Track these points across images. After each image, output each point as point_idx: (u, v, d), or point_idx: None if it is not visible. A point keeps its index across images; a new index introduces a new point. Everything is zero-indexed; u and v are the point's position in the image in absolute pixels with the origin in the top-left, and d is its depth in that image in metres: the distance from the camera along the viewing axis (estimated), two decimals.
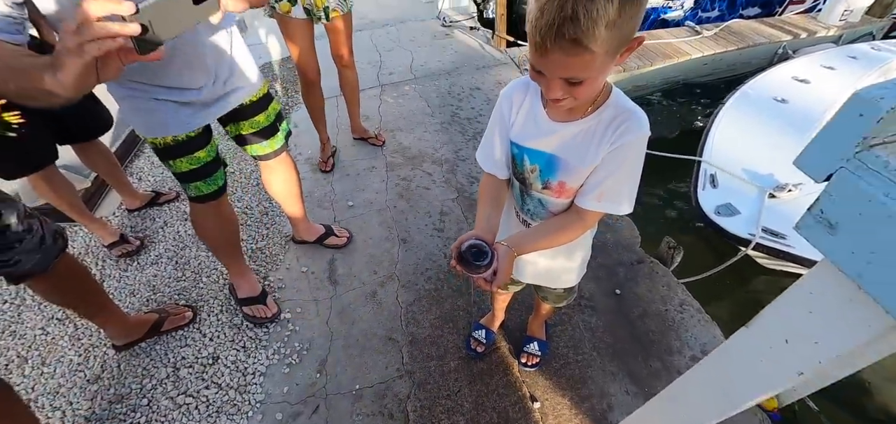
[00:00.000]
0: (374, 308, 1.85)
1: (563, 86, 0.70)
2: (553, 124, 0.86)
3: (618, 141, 0.81)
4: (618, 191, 0.86)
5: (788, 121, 3.19)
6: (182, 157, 1.30)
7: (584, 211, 0.89)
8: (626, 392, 1.57)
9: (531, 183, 0.95)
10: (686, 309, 1.84)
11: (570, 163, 0.87)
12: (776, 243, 2.30)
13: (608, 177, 0.84)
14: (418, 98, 3.25)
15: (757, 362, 0.79)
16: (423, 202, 2.36)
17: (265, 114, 1.47)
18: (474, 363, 1.65)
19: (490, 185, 1.01)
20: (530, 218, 1.04)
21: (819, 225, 0.58)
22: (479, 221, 0.94)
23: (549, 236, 0.94)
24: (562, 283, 1.22)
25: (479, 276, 0.82)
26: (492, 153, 0.99)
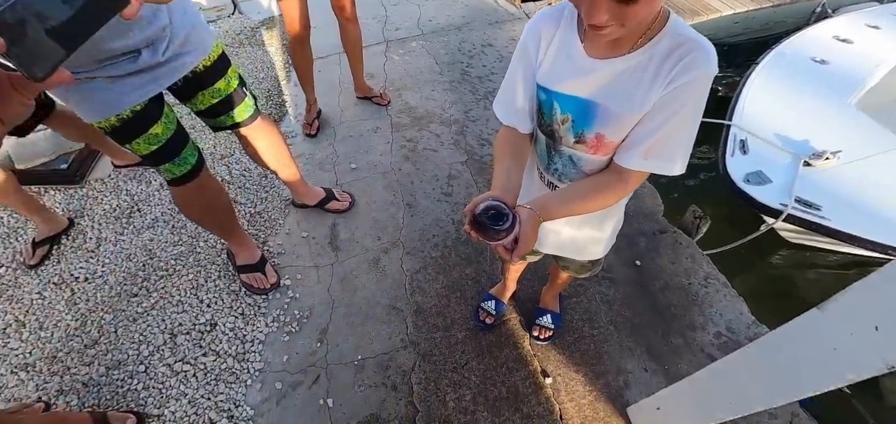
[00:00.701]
0: (377, 275, 1.76)
1: (608, 4, 0.55)
2: (592, 61, 0.70)
3: (677, 79, 0.64)
4: (671, 145, 0.69)
5: (828, 84, 2.95)
6: (137, 138, 1.16)
7: (627, 170, 0.74)
8: (645, 369, 1.47)
9: (561, 136, 0.80)
10: (711, 282, 1.72)
11: (611, 111, 0.71)
12: (810, 215, 2.13)
13: (660, 128, 0.68)
14: (426, 55, 3.06)
15: (831, 348, 0.67)
16: (430, 165, 2.23)
17: (224, 79, 1.31)
18: (483, 335, 1.56)
19: (510, 140, 0.85)
20: (558, 180, 0.89)
21: None
22: (498, 179, 0.78)
23: (583, 200, 0.78)
24: (587, 255, 1.09)
25: (498, 243, 0.69)
26: (513, 101, 0.83)
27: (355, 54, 2.41)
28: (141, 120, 1.14)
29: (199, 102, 1.31)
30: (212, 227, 1.64)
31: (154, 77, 1.12)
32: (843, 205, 2.16)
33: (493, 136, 2.39)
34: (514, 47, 0.83)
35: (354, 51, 2.39)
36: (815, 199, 2.17)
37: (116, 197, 2.15)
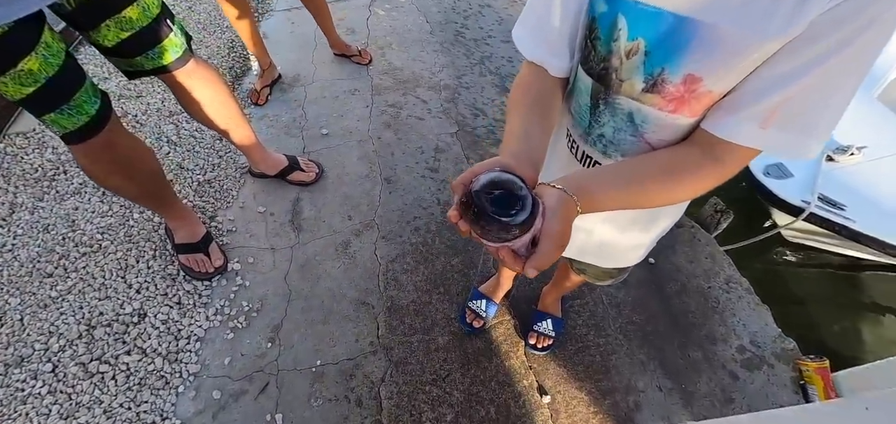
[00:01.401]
0: (345, 262, 1.48)
1: None
2: None
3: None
4: (817, 106, 0.41)
5: None
6: (1, 76, 0.85)
7: (730, 145, 0.45)
8: (659, 387, 1.24)
9: (622, 78, 0.51)
10: (733, 287, 1.49)
11: (724, 34, 0.42)
12: (834, 214, 1.92)
13: (809, 71, 0.39)
14: (416, 12, 2.71)
15: None
16: (415, 134, 1.93)
17: (138, 5, 1.00)
18: (469, 341, 1.30)
19: (534, 85, 0.56)
20: (601, 154, 0.60)
21: None
22: (510, 141, 0.50)
23: (649, 184, 0.49)
24: (618, 262, 0.83)
25: (505, 244, 0.41)
26: (547, 19, 0.54)
27: (320, 11, 2.07)
28: (2, 49, 0.83)
29: (105, 36, 1.00)
30: (135, 198, 1.32)
31: None
32: (868, 204, 1.96)
33: (489, 106, 2.10)
34: (516, 10, 0.60)
35: (317, 8, 2.05)
36: (839, 197, 1.96)
37: (40, 155, 1.80)
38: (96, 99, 1.02)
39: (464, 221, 0.41)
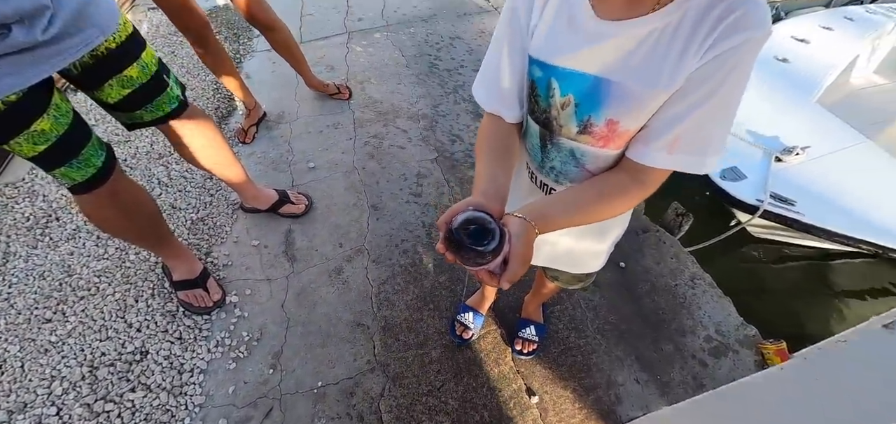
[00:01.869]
0: (339, 287, 1.56)
1: None
2: (604, 24, 0.55)
3: (718, 45, 0.49)
4: (704, 134, 0.54)
5: (791, 82, 3.00)
6: (16, 136, 0.93)
7: (646, 168, 0.59)
8: (636, 380, 1.36)
9: (562, 124, 0.64)
10: (697, 283, 1.63)
11: (629, 89, 0.55)
12: (785, 210, 2.12)
13: (693, 111, 0.53)
14: (391, 47, 2.86)
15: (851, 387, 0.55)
16: (397, 163, 2.04)
17: (138, 64, 1.09)
18: (460, 352, 1.39)
19: (494, 132, 0.69)
20: (554, 182, 0.74)
21: None
22: (480, 182, 0.62)
23: (589, 206, 0.62)
24: (583, 268, 0.96)
25: (481, 268, 0.53)
26: (497, 80, 0.67)
27: (294, 58, 2.17)
28: (18, 113, 0.91)
29: (108, 94, 1.08)
30: (135, 240, 1.39)
31: (33, 61, 0.89)
32: (815, 199, 2.16)
33: (465, 132, 2.24)
34: (484, 40, 0.70)
35: (290, 55, 2.14)
36: (789, 194, 2.16)
37: (31, 204, 1.84)
38: (102, 151, 1.10)
39: (449, 251, 0.52)
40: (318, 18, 3.15)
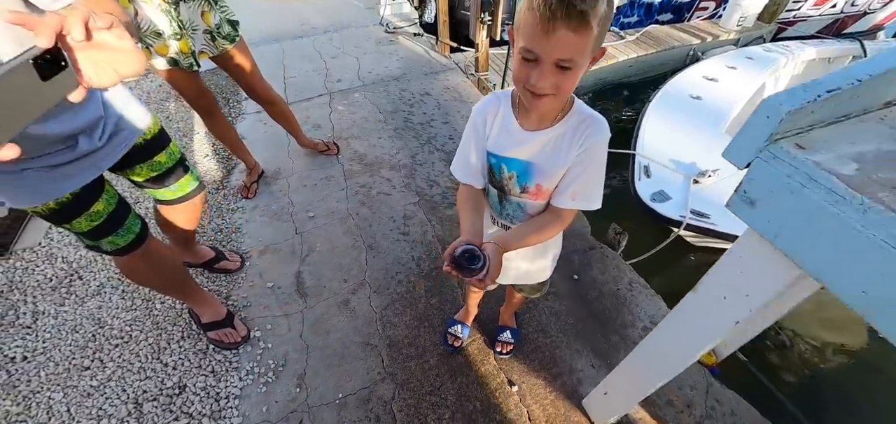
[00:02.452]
0: (348, 316, 1.86)
1: (553, 72, 0.76)
2: (526, 134, 0.95)
3: (585, 143, 0.91)
4: (589, 189, 0.96)
5: (703, 116, 3.62)
6: (78, 217, 1.15)
7: (561, 209, 0.99)
8: (592, 366, 1.73)
9: (510, 188, 1.03)
10: (634, 286, 2.05)
11: (544, 168, 0.96)
12: (703, 222, 2.62)
13: (579, 178, 0.95)
14: (369, 105, 3.25)
15: (703, 318, 0.95)
16: (386, 207, 2.39)
17: (166, 152, 1.36)
18: (453, 357, 1.72)
19: (469, 195, 1.07)
20: (509, 222, 1.12)
21: (743, 202, 0.75)
22: (465, 228, 0.99)
23: (532, 234, 1.01)
24: (537, 279, 1.33)
25: (474, 278, 0.88)
26: (468, 165, 1.06)
27: (288, 124, 2.48)
28: (80, 202, 1.14)
29: (138, 174, 1.32)
30: (167, 290, 1.63)
31: (92, 162, 1.14)
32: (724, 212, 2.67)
33: (440, 177, 2.62)
34: (450, 95, 1.08)
35: (285, 122, 2.46)
36: (705, 210, 2.67)
37: (51, 266, 2.03)
38: (138, 220, 1.34)
39: (453, 270, 0.88)
40: (301, 81, 3.51)
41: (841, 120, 0.75)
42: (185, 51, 1.75)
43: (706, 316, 0.95)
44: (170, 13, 1.64)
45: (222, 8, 1.86)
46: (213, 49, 1.87)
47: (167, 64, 1.73)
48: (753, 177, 0.72)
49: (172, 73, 1.80)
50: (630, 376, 1.29)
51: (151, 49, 1.68)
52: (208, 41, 1.84)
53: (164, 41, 1.68)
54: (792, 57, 4.86)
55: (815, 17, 7.16)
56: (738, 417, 1.59)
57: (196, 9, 1.74)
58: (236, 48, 1.95)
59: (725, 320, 0.90)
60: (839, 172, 0.63)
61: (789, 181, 0.67)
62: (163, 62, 1.73)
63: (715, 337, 0.96)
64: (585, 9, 0.68)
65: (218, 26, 1.84)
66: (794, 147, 0.67)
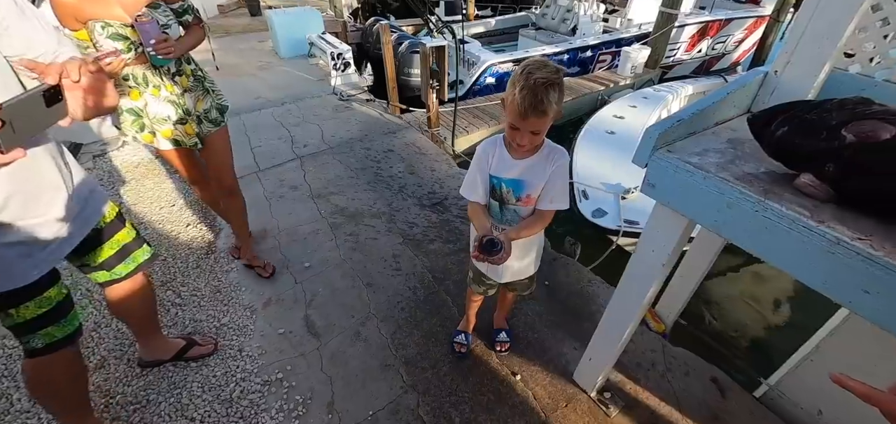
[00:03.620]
0: (361, 345, 2.06)
1: (529, 136, 1.24)
2: (516, 161, 1.37)
3: (555, 164, 1.35)
4: (560, 196, 1.39)
5: (619, 146, 4.38)
6: (28, 301, 1.12)
7: (544, 211, 1.41)
8: (575, 348, 2.08)
9: (508, 199, 1.43)
10: (593, 283, 2.49)
11: (530, 182, 1.38)
12: (635, 228, 3.19)
13: (553, 188, 1.38)
14: (339, 164, 3.54)
15: (643, 269, 1.38)
16: (375, 250, 2.65)
17: (125, 230, 1.43)
18: (462, 362, 1.99)
19: (478, 207, 1.46)
20: (508, 225, 1.49)
21: (649, 187, 1.19)
22: (483, 225, 1.38)
23: (526, 228, 1.41)
24: (527, 273, 1.69)
25: (497, 257, 1.26)
26: (476, 188, 1.44)
27: (239, 222, 2.37)
28: (39, 285, 1.14)
29: (96, 257, 1.36)
30: (70, 407, 1.47)
31: (60, 245, 1.18)
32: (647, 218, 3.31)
33: (418, 219, 2.94)
34: (411, 150, 1.56)
35: (238, 219, 2.35)
36: (635, 218, 3.26)
37: None
38: (79, 315, 1.32)
39: (481, 255, 1.24)
40: (267, 149, 3.71)
41: (690, 134, 1.24)
42: (191, 133, 1.89)
43: (644, 266, 1.38)
44: (176, 103, 1.80)
45: (217, 95, 1.99)
46: (215, 122, 1.98)
47: (171, 145, 1.89)
48: (651, 170, 1.17)
49: (174, 153, 1.94)
50: (605, 335, 1.66)
51: (157, 133, 1.82)
52: (198, 125, 1.93)
53: (171, 126, 1.83)
54: (677, 94, 6.00)
55: (687, 61, 8.80)
56: (689, 366, 2.02)
57: (194, 96, 1.88)
58: (218, 134, 2.00)
59: (657, 264, 1.33)
60: (691, 161, 1.09)
61: (668, 169, 1.12)
62: (167, 143, 1.87)
63: (653, 279, 1.37)
64: (545, 108, 1.17)
65: (207, 112, 1.93)
66: (667, 152, 1.13)
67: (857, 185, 0.88)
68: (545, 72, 1.15)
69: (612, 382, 1.92)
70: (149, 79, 1.71)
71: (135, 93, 1.71)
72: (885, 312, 0.83)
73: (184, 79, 1.82)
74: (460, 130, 5.11)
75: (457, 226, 2.88)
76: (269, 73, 5.82)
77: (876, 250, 0.81)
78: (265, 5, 9.57)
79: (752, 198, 0.98)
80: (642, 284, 1.42)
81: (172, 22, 1.70)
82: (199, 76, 1.91)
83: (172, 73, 1.77)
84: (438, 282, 2.42)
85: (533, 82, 1.14)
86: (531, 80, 1.14)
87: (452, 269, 2.52)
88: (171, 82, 1.77)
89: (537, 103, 1.15)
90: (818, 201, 0.94)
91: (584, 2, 8.38)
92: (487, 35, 9.38)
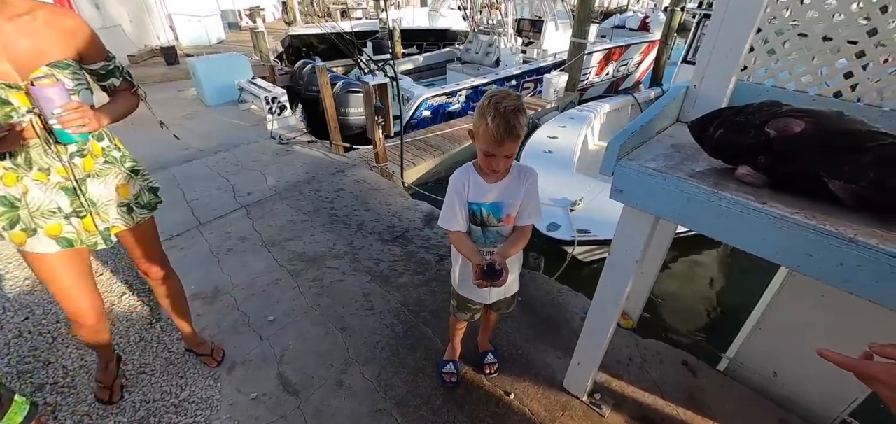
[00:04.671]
0: (346, 393, 1.94)
1: (504, 161, 1.31)
2: (491, 185, 1.42)
3: (526, 181, 1.43)
4: (536, 209, 1.47)
5: (558, 163, 4.68)
6: None
7: (524, 226, 1.47)
8: (558, 357, 2.14)
9: (490, 222, 1.46)
10: (562, 292, 2.60)
11: (508, 202, 1.43)
12: (588, 237, 3.40)
13: (530, 203, 1.45)
14: (290, 209, 3.37)
15: (619, 269, 1.49)
16: (343, 292, 2.54)
17: None
18: (454, 391, 1.95)
19: (461, 236, 1.48)
20: (493, 245, 1.52)
21: (618, 192, 1.32)
22: (474, 253, 1.42)
23: (513, 245, 1.46)
24: (512, 291, 1.73)
25: (500, 280, 1.32)
26: (455, 218, 1.46)
27: (178, 308, 1.94)
28: None
29: None
30: None
31: None
32: (598, 224, 3.54)
33: (382, 254, 2.88)
34: (362, 187, 1.61)
35: (177, 305, 1.93)
36: (586, 228, 3.48)
37: None
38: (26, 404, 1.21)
39: (483, 280, 1.28)
40: (206, 201, 3.44)
41: (643, 142, 1.40)
42: (92, 230, 1.44)
43: (619, 266, 1.49)
44: (71, 192, 1.38)
45: (144, 176, 1.60)
46: (129, 221, 1.54)
47: (57, 246, 1.38)
48: (618, 178, 1.30)
49: (56, 259, 1.42)
50: (590, 337, 1.74)
51: (38, 231, 1.34)
52: (123, 214, 1.52)
53: (61, 221, 1.38)
54: (597, 112, 6.59)
55: (598, 83, 9.75)
56: (661, 354, 2.16)
57: (111, 183, 1.47)
58: (152, 219, 1.66)
59: (630, 261, 1.45)
60: (648, 166, 1.23)
61: (632, 175, 1.25)
62: (50, 245, 1.37)
63: (629, 276, 1.48)
64: (518, 131, 1.25)
65: (137, 196, 1.55)
66: (628, 160, 1.27)
67: (784, 170, 1.07)
68: (511, 100, 1.24)
69: (599, 383, 1.99)
70: (34, 161, 1.28)
71: (10, 177, 1.26)
72: (825, 269, 0.98)
73: (89, 161, 1.39)
74: (407, 163, 5.15)
75: (423, 257, 2.86)
76: (196, 122, 5.45)
77: (809, 220, 0.97)
78: (182, 54, 9.02)
79: (707, 191, 1.12)
80: (619, 283, 1.52)
81: (82, 87, 1.30)
82: (114, 158, 1.48)
83: (72, 154, 1.35)
84: (415, 315, 2.38)
85: (503, 110, 1.22)
86: (501, 109, 1.22)
87: (426, 300, 2.49)
88: (66, 165, 1.34)
89: (510, 129, 1.22)
90: (756, 187, 1.12)
91: (503, 37, 8.99)
92: (416, 71, 9.65)
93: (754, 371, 2.06)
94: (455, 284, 1.70)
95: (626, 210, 1.38)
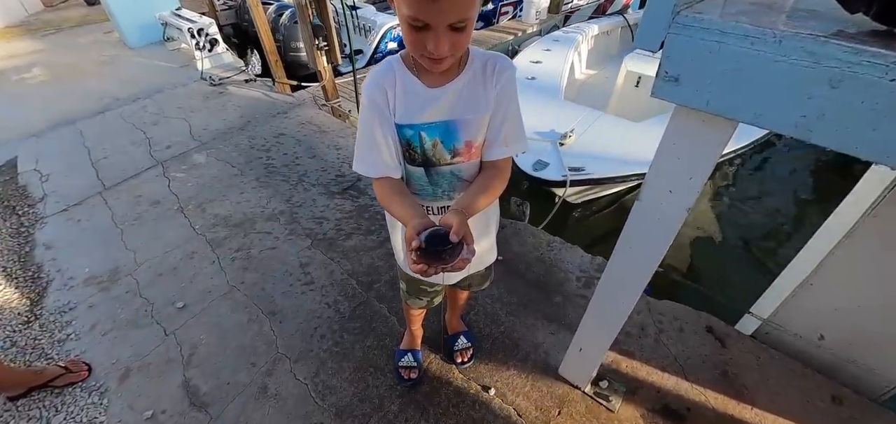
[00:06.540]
0: (272, 403, 1.45)
1: (448, 35, 0.69)
2: (434, 91, 0.82)
3: (500, 79, 0.83)
4: (516, 130, 0.88)
5: (542, 90, 4.06)
6: None
7: (497, 161, 0.89)
8: (551, 333, 1.67)
9: (438, 158, 0.89)
10: (553, 245, 2.10)
11: (468, 119, 0.85)
12: (581, 175, 2.87)
13: (505, 121, 0.86)
14: (216, 162, 2.74)
15: (654, 221, 0.95)
16: (275, 264, 1.99)
17: None
18: (415, 391, 1.48)
19: (391, 187, 0.87)
20: (448, 200, 0.96)
21: (667, 83, 0.73)
22: (409, 214, 0.80)
23: (483, 194, 0.87)
24: (486, 262, 1.21)
25: (459, 259, 0.70)
26: (378, 154, 0.86)
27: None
28: None
29: None
30: None
31: None
32: (593, 160, 3.00)
33: (326, 211, 2.33)
34: (308, 129, 0.90)
35: None
36: (578, 164, 2.94)
37: None
38: None
39: (424, 264, 0.68)
40: (116, 159, 2.79)
41: None
42: None
43: (657, 218, 0.94)
44: None
45: None
46: None
47: None
48: (670, 54, 0.71)
49: None
50: (599, 317, 1.24)
51: None
52: None
53: None
54: (585, 34, 5.86)
55: (583, 7, 8.88)
56: (680, 320, 1.71)
57: None
58: None
59: (677, 212, 0.90)
60: (741, 20, 0.65)
61: (705, 42, 0.66)
62: None
63: (671, 232, 0.95)
64: None
65: None
66: (696, 13, 0.68)
67: None
68: None
69: (605, 365, 1.54)
70: None
71: None
72: None
73: None
74: None
75: (378, 210, 2.31)
76: (116, 68, 4.59)
77: None
78: None
79: (881, 62, 0.55)
80: (654, 243, 0.98)
81: None
82: None
83: None
84: (366, 288, 1.86)
85: None
86: None
87: (381, 266, 1.97)
88: None
89: None
90: None
91: None
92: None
93: (795, 335, 1.63)
94: (399, 260, 1.16)
95: (680, 118, 0.80)
